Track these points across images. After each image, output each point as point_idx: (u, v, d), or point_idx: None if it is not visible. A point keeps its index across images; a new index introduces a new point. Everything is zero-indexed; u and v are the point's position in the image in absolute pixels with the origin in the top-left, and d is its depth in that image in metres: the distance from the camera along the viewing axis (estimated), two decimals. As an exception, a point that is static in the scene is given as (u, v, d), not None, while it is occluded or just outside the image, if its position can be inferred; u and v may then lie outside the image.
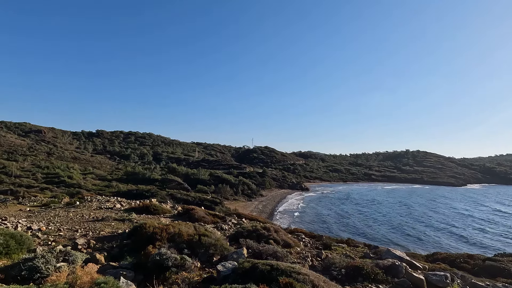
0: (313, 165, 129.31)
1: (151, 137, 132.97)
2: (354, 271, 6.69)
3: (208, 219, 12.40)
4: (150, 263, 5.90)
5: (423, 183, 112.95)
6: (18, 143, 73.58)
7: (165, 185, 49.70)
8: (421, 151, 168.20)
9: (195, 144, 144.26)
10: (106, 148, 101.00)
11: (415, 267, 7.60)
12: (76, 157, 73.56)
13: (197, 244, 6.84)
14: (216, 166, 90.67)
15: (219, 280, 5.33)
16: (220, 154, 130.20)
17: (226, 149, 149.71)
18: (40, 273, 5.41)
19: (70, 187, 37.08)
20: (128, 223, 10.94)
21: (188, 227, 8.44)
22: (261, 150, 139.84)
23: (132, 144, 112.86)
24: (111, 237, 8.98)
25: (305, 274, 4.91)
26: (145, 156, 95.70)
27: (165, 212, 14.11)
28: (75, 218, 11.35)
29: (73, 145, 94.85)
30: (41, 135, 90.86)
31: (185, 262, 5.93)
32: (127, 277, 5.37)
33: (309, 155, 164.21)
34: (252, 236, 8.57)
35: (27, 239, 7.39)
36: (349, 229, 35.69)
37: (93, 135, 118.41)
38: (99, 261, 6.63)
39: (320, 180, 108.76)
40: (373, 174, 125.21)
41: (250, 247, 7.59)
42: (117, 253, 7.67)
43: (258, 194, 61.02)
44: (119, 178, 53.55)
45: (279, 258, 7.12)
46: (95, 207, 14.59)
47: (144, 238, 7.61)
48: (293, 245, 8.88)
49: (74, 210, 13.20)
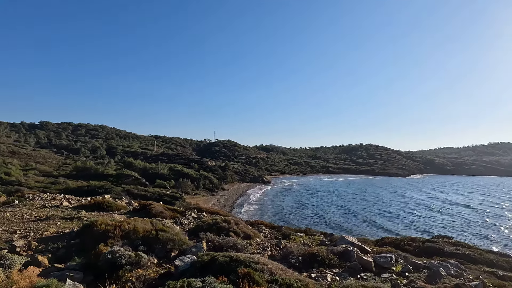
0: (275, 159, 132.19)
1: (104, 129, 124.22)
2: (310, 258, 7.00)
3: (166, 214, 12.00)
4: (101, 262, 5.53)
5: (374, 174, 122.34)
6: None
7: (121, 180, 46.99)
8: (373, 145, 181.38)
9: (154, 137, 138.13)
10: (51, 141, 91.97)
11: (365, 251, 8.19)
12: (14, 151, 65.84)
13: (154, 240, 6.58)
14: (177, 160, 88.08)
15: (177, 275, 5.20)
16: (181, 148, 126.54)
17: (187, 142, 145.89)
18: (-33, 282, 4.77)
19: (7, 185, 33.12)
20: (77, 221, 10.13)
21: (145, 223, 8.08)
22: (223, 143, 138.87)
23: (82, 137, 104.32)
24: (56, 237, 8.24)
25: (264, 263, 5.01)
26: (98, 150, 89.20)
27: (119, 208, 13.33)
28: (13, 219, 10.18)
29: (11, 137, 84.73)
30: (-30, 126, 79.58)
31: (141, 259, 5.67)
32: (74, 279, 4.98)
33: (271, 149, 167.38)
34: (212, 230, 8.49)
35: (-50, 244, 6.45)
36: (308, 220, 37.33)
37: (35, 126, 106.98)
38: (42, 263, 6.04)
39: (281, 173, 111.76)
40: (330, 166, 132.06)
41: (210, 240, 7.52)
42: (63, 254, 7.07)
43: (220, 188, 60.72)
44: (68, 174, 49.32)
45: (239, 250, 7.17)
46: (38, 205, 13.23)
47: (95, 236, 7.10)
48: (253, 237, 9.00)
49: (12, 210, 11.83)
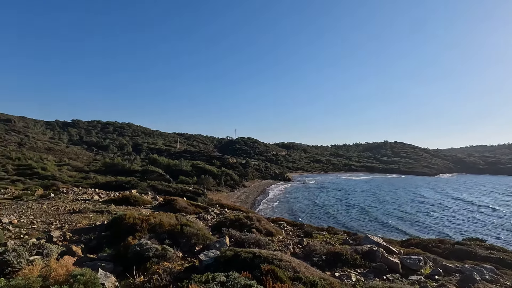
0: (295, 156, 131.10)
1: (130, 127, 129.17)
2: (334, 257, 6.88)
3: (190, 210, 12.29)
4: (130, 254, 5.77)
5: (400, 173, 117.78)
6: (-15, 133, 69.22)
7: (146, 176, 48.71)
8: (399, 143, 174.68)
9: (177, 134, 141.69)
10: (82, 138, 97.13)
11: (391, 252, 7.92)
12: (50, 148, 70.24)
13: (179, 234, 6.77)
14: (199, 157, 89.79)
15: (201, 269, 5.31)
16: (203, 145, 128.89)
17: (208, 140, 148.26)
18: (12, 267, 5.17)
19: (44, 179, 35.46)
20: (107, 214, 10.64)
21: (170, 218, 8.32)
22: (244, 141, 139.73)
23: (110, 135, 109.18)
24: (88, 229, 8.71)
25: (287, 260, 4.99)
26: (125, 147, 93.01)
27: (145, 203, 13.84)
28: (49, 211, 10.89)
29: (46, 135, 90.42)
30: (10, 124, 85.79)
31: (167, 252, 5.85)
32: (105, 269, 5.24)
33: (292, 146, 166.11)
34: (234, 226, 8.59)
35: (-4, 232, 7.02)
36: (330, 218, 36.73)
37: (68, 125, 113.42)
38: (76, 253, 6.42)
39: (302, 171, 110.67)
40: (353, 164, 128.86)
41: (232, 236, 7.61)
42: (95, 245, 7.46)
43: (241, 185, 61.22)
44: (97, 169, 51.86)
45: (261, 246, 7.20)
46: (71, 199, 14.06)
47: (123, 229, 7.43)
48: (275, 234, 9.00)
49: (49, 203, 12.65)
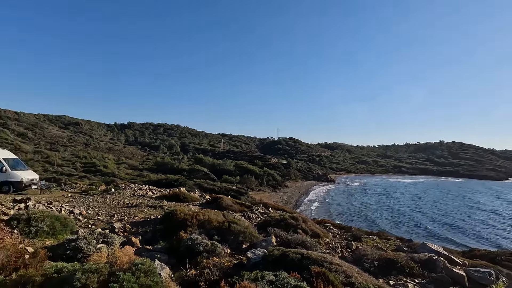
0: (339, 157, 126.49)
1: (178, 128, 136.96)
2: (387, 263, 6.45)
3: (235, 208, 12.57)
4: (182, 247, 6.09)
5: (458, 176, 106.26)
6: (59, 135, 79.12)
7: (192, 175, 51.13)
8: (457, 143, 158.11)
9: (221, 135, 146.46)
10: (137, 139, 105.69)
11: (454, 262, 7.17)
12: (110, 147, 77.78)
13: (226, 231, 6.95)
14: (241, 157, 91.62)
15: (249, 266, 5.37)
16: (245, 145, 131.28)
17: (250, 140, 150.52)
18: (83, 253, 5.79)
19: (105, 176, 39.35)
20: (160, 209, 11.38)
21: (217, 215, 8.60)
22: (286, 141, 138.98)
23: (161, 136, 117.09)
24: (144, 222, 9.40)
25: (338, 264, 4.80)
26: (173, 147, 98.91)
27: (193, 200, 14.52)
28: (111, 204, 12.01)
29: (107, 136, 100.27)
30: (78, 127, 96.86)
31: (216, 248, 6.04)
32: (161, 260, 5.58)
33: (335, 147, 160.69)
34: (280, 225, 8.56)
35: (70, 221, 7.94)
36: (377, 222, 34.61)
37: (125, 127, 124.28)
38: (135, 244, 6.96)
39: (347, 172, 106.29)
40: (403, 166, 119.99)
41: (278, 235, 7.58)
42: (150, 238, 8.02)
43: (283, 185, 60.96)
44: (150, 168, 55.92)
45: (308, 248, 7.04)
46: (129, 194, 15.35)
47: (175, 224, 7.86)
48: (321, 236, 8.75)
49: (110, 197, 13.97)
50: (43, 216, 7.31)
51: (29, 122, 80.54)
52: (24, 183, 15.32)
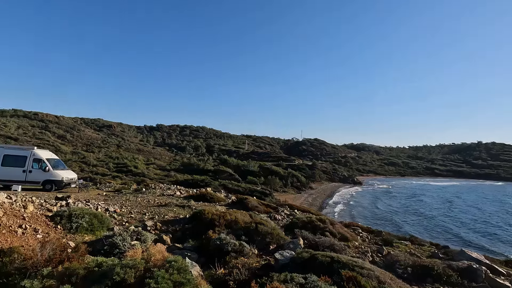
0: (366, 158, 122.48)
1: (204, 130, 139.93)
2: (422, 270, 6.15)
3: (261, 209, 12.61)
4: (211, 246, 6.22)
5: (498, 179, 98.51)
6: (94, 137, 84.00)
7: (218, 175, 51.96)
8: (497, 143, 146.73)
9: (245, 136, 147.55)
10: (165, 140, 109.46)
11: (497, 272, 6.67)
12: (140, 149, 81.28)
13: (254, 232, 6.99)
14: (265, 158, 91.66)
15: (278, 268, 5.37)
16: (269, 146, 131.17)
17: (274, 141, 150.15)
18: (119, 249, 6.11)
19: (136, 176, 41.14)
20: (188, 209, 11.70)
21: (244, 215, 8.68)
22: (311, 142, 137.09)
23: (187, 137, 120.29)
24: (174, 221, 9.71)
25: (369, 269, 4.65)
26: (199, 148, 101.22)
27: (220, 200, 14.76)
28: (142, 203, 12.54)
29: (137, 138, 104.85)
30: (111, 129, 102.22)
31: (244, 248, 6.11)
32: (191, 258, 5.74)
33: (362, 148, 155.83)
34: (307, 227, 8.46)
35: (106, 219, 8.41)
36: (408, 226, 33.00)
37: (153, 129, 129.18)
38: (166, 242, 7.22)
39: (375, 174, 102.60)
40: (436, 168, 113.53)
41: (305, 238, 7.49)
42: (180, 236, 8.27)
43: (307, 187, 60.13)
44: (177, 168, 57.64)
45: (336, 251, 6.90)
46: (158, 193, 15.94)
47: (204, 223, 8.05)
48: (350, 239, 8.52)
49: (141, 196, 14.60)
50: (83, 213, 7.81)
51: (67, 125, 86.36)
52: (64, 182, 16.44)
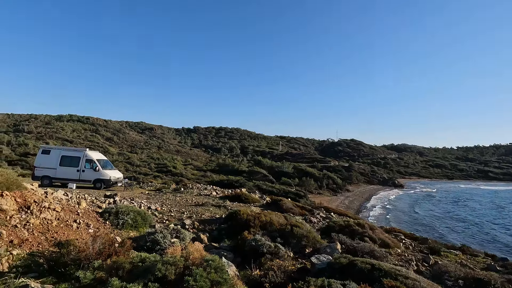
0: (409, 160, 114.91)
1: (238, 131, 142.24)
2: (476, 284, 5.58)
3: (296, 211, 12.44)
4: (246, 247, 6.27)
5: None
6: (137, 139, 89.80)
7: (252, 176, 52.41)
8: None
9: (279, 137, 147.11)
10: (201, 142, 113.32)
11: None
12: (178, 150, 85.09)
13: (289, 234, 6.92)
14: (300, 159, 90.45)
15: (314, 272, 5.24)
16: (303, 147, 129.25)
17: (309, 142, 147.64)
18: (160, 246, 6.42)
19: (174, 176, 43.11)
20: (224, 209, 11.95)
21: (279, 217, 8.63)
22: (347, 143, 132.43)
23: (222, 139, 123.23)
24: (210, 221, 9.98)
25: (415, 279, 4.34)
26: (234, 149, 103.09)
27: (254, 201, 14.86)
28: (181, 202, 13.08)
29: (176, 140, 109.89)
30: (153, 131, 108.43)
31: (279, 250, 6.06)
32: (227, 258, 5.84)
33: (403, 148, 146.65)
34: (344, 232, 8.15)
35: (148, 216, 8.90)
36: (454, 234, 30.23)
37: (191, 131, 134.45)
38: (203, 241, 7.43)
39: (418, 177, 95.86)
40: (490, 171, 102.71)
41: (343, 242, 7.23)
42: (216, 236, 8.46)
43: (344, 189, 58.07)
44: (212, 169, 59.28)
45: (377, 258, 6.55)
46: (195, 193, 16.51)
47: (239, 223, 8.15)
48: (392, 246, 8.04)
49: (180, 195, 15.24)
50: (128, 210, 8.35)
51: (114, 128, 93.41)
52: (112, 181, 17.76)
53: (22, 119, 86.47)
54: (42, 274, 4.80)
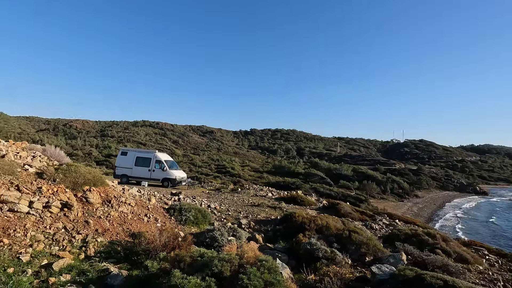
0: (494, 163, 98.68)
1: (294, 133, 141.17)
2: None
3: (355, 216, 11.77)
4: (301, 250, 6.16)
5: None
6: (199, 142, 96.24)
7: (308, 178, 51.41)
8: None
9: (337, 138, 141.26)
10: (258, 144, 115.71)
11: None
12: (236, 152, 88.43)
13: (347, 240, 6.57)
14: (360, 161, 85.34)
15: (374, 283, 4.88)
16: (364, 149, 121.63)
17: (370, 143, 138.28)
18: (218, 243, 6.74)
19: (233, 176, 44.90)
20: (279, 210, 11.97)
21: (336, 221, 8.28)
22: (415, 143, 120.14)
23: (278, 140, 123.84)
24: (265, 221, 10.10)
25: (500, 303, 3.69)
26: (290, 151, 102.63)
27: (310, 204, 14.53)
28: (238, 202, 13.54)
29: (234, 142, 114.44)
30: (213, 134, 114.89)
31: (336, 256, 5.81)
32: (282, 260, 5.83)
33: (487, 150, 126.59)
34: (411, 241, 7.39)
35: (208, 214, 9.43)
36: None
37: (247, 133, 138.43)
38: (258, 241, 7.56)
39: (507, 183, 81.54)
40: None
41: (410, 253, 6.56)
42: (271, 236, 8.52)
43: (411, 195, 52.77)
44: (268, 170, 59.98)
45: (451, 274, 5.76)
46: (252, 194, 16.91)
47: (294, 226, 8.07)
48: (471, 261, 6.99)
49: (237, 195, 15.78)
50: (190, 207, 8.99)
51: (180, 132, 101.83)
52: (177, 180, 19.34)
53: (107, 125, 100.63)
54: (119, 260, 5.48)
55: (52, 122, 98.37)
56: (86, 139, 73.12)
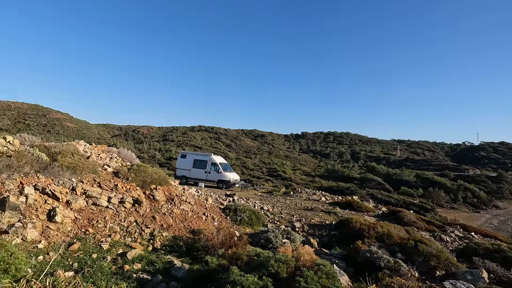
0: None
1: (348, 136, 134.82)
2: None
3: (421, 225, 10.69)
4: (360, 258, 5.83)
5: None
6: (251, 145, 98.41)
7: (364, 184, 48.46)
8: None
9: (396, 141, 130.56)
10: (309, 147, 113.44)
11: None
12: (287, 155, 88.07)
13: (412, 251, 6.01)
14: (424, 166, 77.34)
15: (448, 300, 4.36)
16: (429, 153, 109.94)
17: (437, 146, 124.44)
18: (272, 244, 6.77)
19: (284, 180, 44.76)
20: (334, 215, 11.52)
21: (399, 230, 7.65)
22: (493, 146, 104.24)
23: (331, 144, 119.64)
24: (320, 226, 9.81)
25: None
26: (343, 155, 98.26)
27: (368, 210, 13.68)
28: (290, 205, 13.43)
29: (285, 145, 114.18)
30: (264, 138, 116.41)
31: (400, 267, 5.35)
32: (339, 266, 5.58)
33: None
34: (493, 258, 6.42)
35: (262, 216, 9.55)
36: None
37: (299, 136, 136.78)
38: (313, 245, 7.38)
39: None
40: None
41: (491, 271, 5.71)
42: (326, 242, 8.25)
43: (490, 205, 45.69)
44: (321, 174, 58.30)
45: (550, 300, 4.85)
46: (304, 198, 16.62)
47: (351, 232, 7.69)
48: None
49: (290, 199, 15.68)
50: (244, 208, 9.22)
51: (232, 136, 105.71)
52: (231, 182, 20.04)
53: (168, 130, 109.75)
54: (181, 254, 5.89)
55: (123, 129, 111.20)
56: (150, 143, 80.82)
